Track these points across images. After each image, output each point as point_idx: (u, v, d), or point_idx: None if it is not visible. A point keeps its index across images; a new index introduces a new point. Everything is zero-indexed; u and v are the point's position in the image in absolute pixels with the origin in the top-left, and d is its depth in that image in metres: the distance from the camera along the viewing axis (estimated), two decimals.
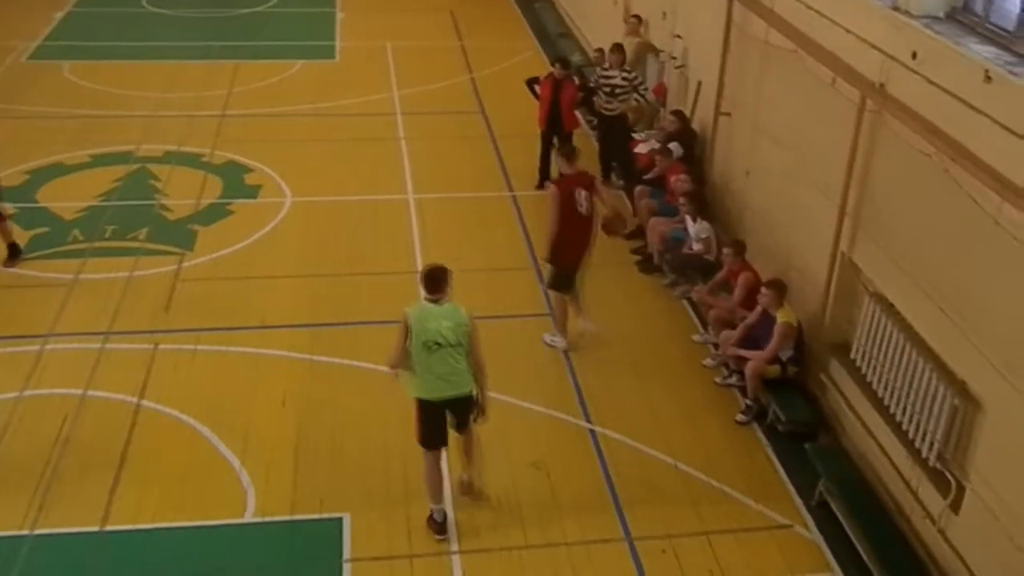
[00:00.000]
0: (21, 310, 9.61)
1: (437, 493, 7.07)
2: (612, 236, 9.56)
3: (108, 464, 7.62)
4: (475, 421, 7.09)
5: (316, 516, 7.25)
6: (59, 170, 12.61)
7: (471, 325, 6.80)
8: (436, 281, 6.78)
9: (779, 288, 8.42)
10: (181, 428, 8.07)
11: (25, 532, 6.98)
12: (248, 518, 7.22)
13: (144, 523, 7.11)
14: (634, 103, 12.37)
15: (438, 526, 7.07)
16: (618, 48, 12.49)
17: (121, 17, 19.12)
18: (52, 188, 12.14)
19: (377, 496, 7.43)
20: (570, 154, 9.08)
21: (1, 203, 10.40)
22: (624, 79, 12.25)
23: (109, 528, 7.07)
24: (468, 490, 7.45)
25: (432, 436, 6.95)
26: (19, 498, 7.26)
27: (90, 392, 8.44)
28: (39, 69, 16.15)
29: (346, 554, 6.92)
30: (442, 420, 6.93)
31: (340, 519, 7.21)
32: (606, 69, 12.48)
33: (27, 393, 8.41)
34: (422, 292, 6.87)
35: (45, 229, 11.14)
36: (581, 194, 8.87)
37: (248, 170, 12.75)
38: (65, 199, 11.82)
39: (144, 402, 8.34)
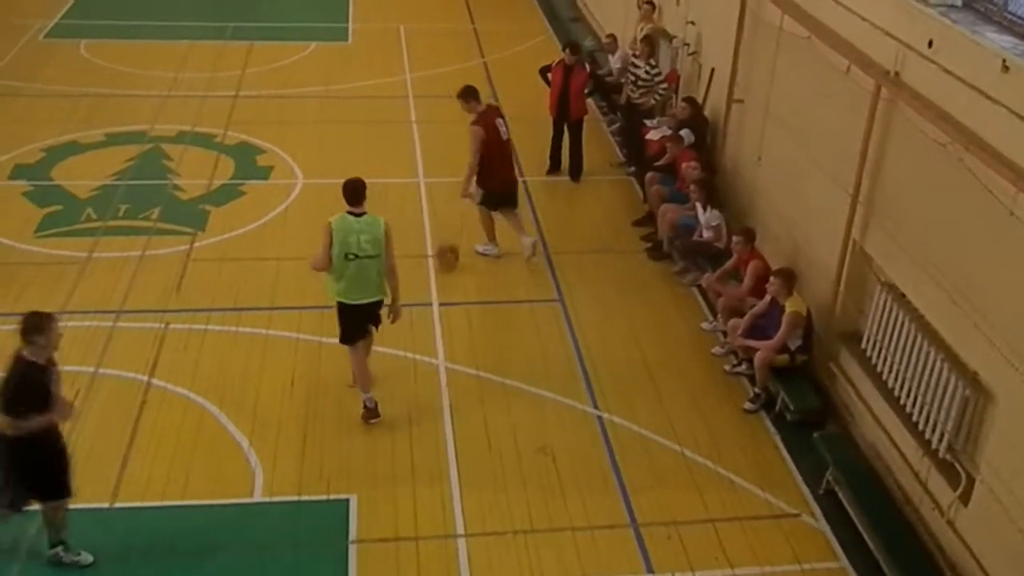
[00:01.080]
0: (34, 287, 9.65)
1: (368, 384, 7.92)
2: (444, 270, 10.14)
3: (118, 441, 7.69)
4: (392, 322, 7.95)
5: (323, 497, 7.30)
6: (74, 148, 12.66)
7: (387, 235, 7.58)
8: (357, 193, 7.51)
9: (788, 277, 8.38)
10: (190, 407, 8.12)
11: (36, 507, 7.02)
12: (256, 498, 7.26)
13: (153, 500, 7.17)
14: (653, 102, 12.36)
15: (370, 412, 7.92)
16: (647, 39, 12.46)
17: None
18: (67, 166, 12.18)
19: (384, 478, 7.46)
20: (467, 94, 9.95)
21: None
22: (647, 72, 12.21)
23: (118, 505, 7.14)
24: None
25: (354, 334, 7.80)
26: None
27: (101, 370, 8.50)
28: (56, 47, 16.19)
29: (352, 535, 6.96)
30: (360, 319, 7.77)
31: (347, 500, 7.25)
32: (636, 56, 12.46)
33: None
34: (345, 205, 7.56)
35: (59, 207, 11.19)
36: (500, 122, 10.07)
37: (260, 151, 12.76)
38: (79, 177, 11.87)
39: (154, 380, 8.40)
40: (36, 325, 6.10)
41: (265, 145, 12.91)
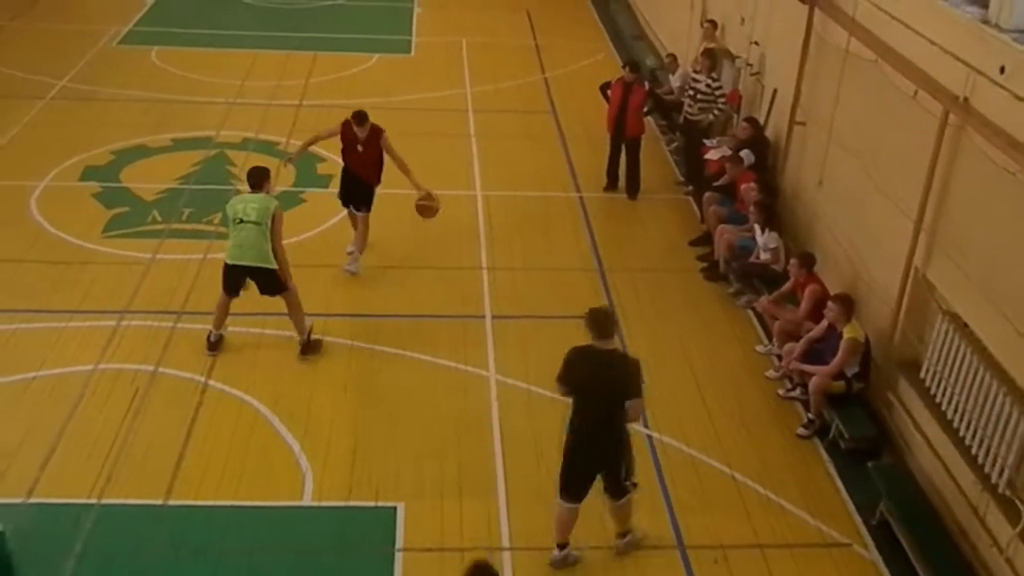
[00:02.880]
0: (100, 286, 9.93)
1: (221, 321, 8.99)
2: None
3: (174, 440, 7.85)
4: (281, 294, 8.91)
5: (371, 504, 7.36)
6: (142, 152, 13.00)
7: (276, 216, 8.70)
8: (256, 177, 8.87)
9: (846, 303, 8.26)
10: (245, 409, 8.26)
11: (92, 501, 7.22)
12: (305, 501, 7.35)
13: (205, 500, 7.30)
14: (711, 117, 12.30)
15: (211, 344, 8.94)
16: (709, 53, 12.42)
17: (208, 5, 19.62)
18: (135, 169, 12.51)
19: (431, 488, 7.50)
20: (366, 116, 10.41)
21: None
22: (708, 86, 12.16)
23: (172, 502, 7.28)
24: (306, 349, 8.95)
25: (229, 288, 8.88)
26: (88, 468, 7.51)
27: (161, 369, 8.70)
28: (128, 54, 16.65)
29: (399, 543, 7.01)
30: (240, 280, 8.84)
31: (394, 508, 7.30)
32: (697, 72, 12.41)
33: (101, 366, 8.69)
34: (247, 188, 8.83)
35: (126, 209, 11.49)
36: None
37: (321, 160, 12.94)
38: (147, 180, 12.18)
39: (211, 382, 8.56)
40: (609, 322, 6.62)
41: (326, 154, 13.06)
